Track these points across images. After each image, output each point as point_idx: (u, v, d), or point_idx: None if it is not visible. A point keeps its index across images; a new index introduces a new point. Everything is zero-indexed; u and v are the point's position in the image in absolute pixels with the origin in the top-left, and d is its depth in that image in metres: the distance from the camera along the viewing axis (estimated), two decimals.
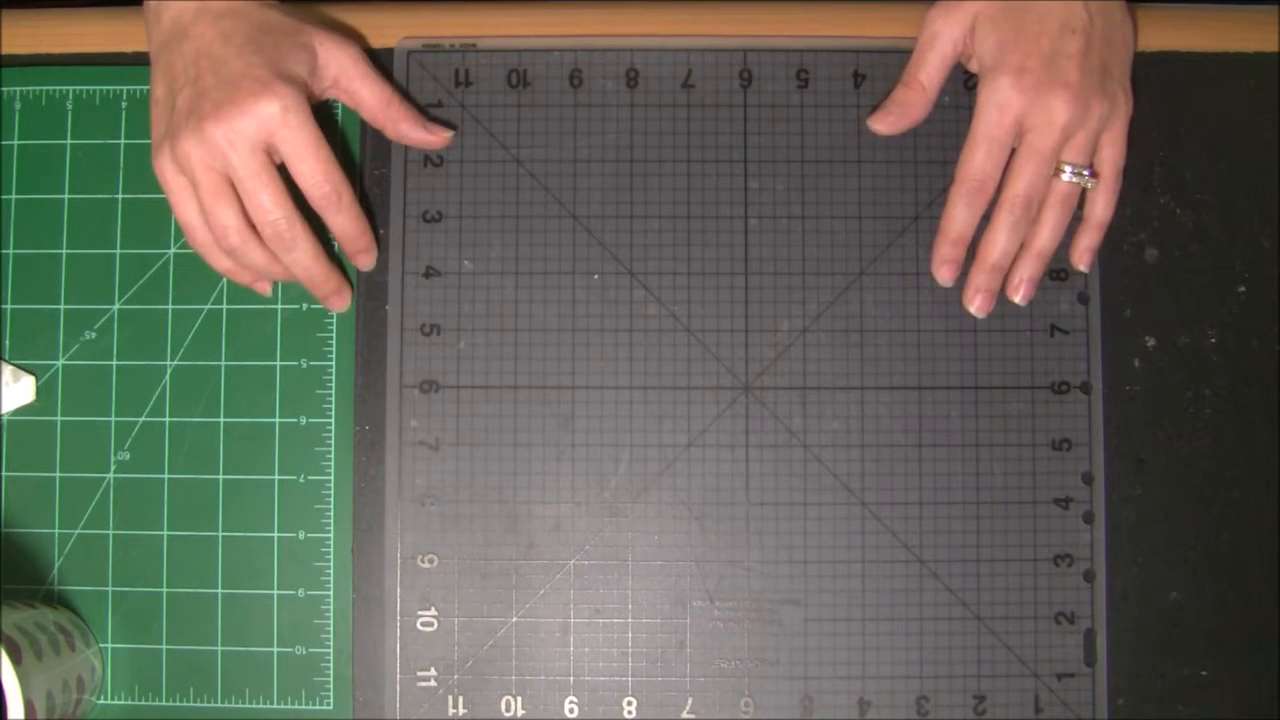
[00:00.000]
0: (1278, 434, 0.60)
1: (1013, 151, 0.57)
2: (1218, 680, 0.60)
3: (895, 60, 0.61)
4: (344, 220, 0.57)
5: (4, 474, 0.60)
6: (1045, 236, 0.58)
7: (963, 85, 0.61)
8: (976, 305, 0.60)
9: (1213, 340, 0.61)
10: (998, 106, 0.56)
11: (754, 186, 0.61)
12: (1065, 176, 0.57)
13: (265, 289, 0.59)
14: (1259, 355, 0.61)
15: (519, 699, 0.59)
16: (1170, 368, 0.61)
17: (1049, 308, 0.60)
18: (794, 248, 0.61)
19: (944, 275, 0.60)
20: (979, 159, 0.57)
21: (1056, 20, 0.56)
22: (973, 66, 0.59)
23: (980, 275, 0.59)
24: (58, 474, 0.60)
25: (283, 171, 0.55)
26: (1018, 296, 0.59)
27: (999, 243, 0.58)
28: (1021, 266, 0.59)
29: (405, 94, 0.61)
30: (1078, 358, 0.60)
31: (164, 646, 0.59)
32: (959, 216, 0.58)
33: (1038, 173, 0.57)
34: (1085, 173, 0.57)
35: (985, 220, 0.59)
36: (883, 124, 0.60)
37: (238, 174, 0.53)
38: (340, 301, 0.59)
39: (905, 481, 0.60)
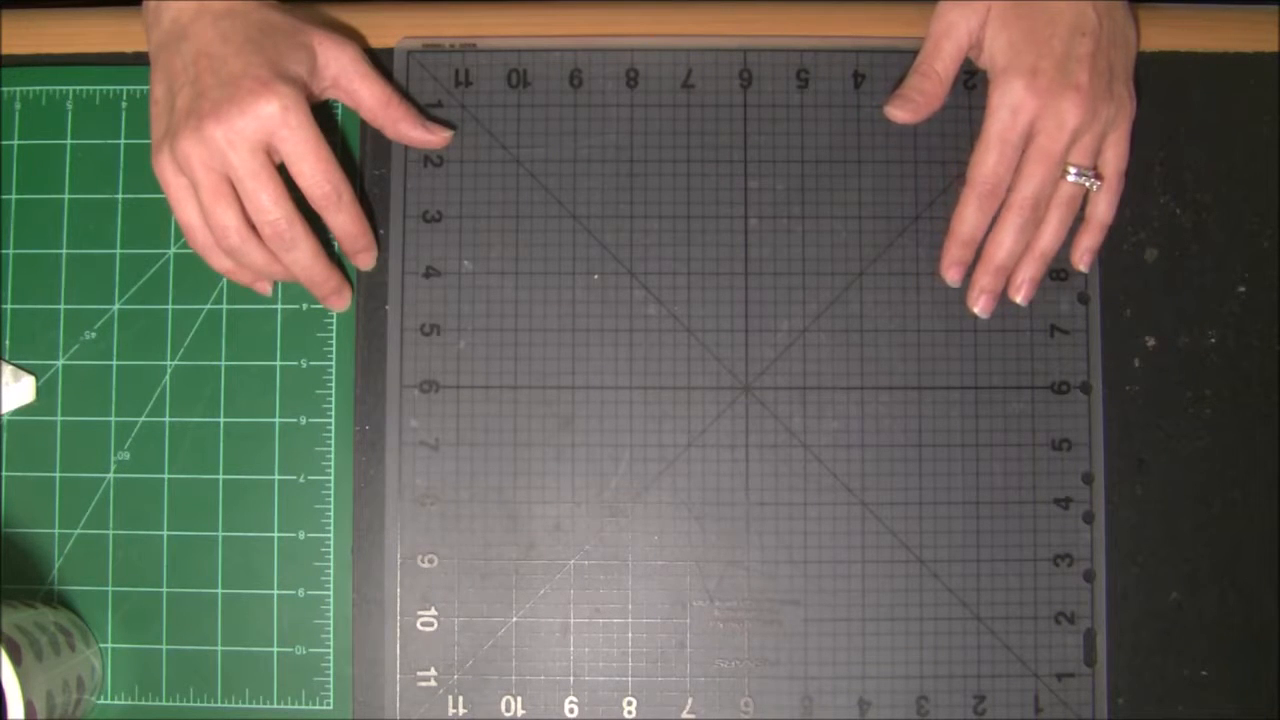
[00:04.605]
0: (1278, 434, 0.60)
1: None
2: (1218, 680, 0.60)
3: (895, 60, 0.61)
4: (344, 220, 0.57)
5: (4, 474, 0.60)
6: (1049, 238, 0.58)
7: (963, 85, 0.61)
8: (980, 306, 0.59)
9: (1213, 340, 0.61)
10: (1011, 108, 0.56)
11: (754, 186, 0.61)
12: (1070, 178, 0.57)
13: (265, 289, 0.59)
14: (1259, 355, 0.61)
15: (519, 699, 0.59)
16: (1170, 368, 0.61)
17: (1049, 308, 0.60)
18: (794, 248, 0.60)
19: (952, 276, 0.60)
20: (992, 161, 0.57)
21: (1067, 22, 0.56)
22: (982, 62, 0.59)
23: (985, 276, 0.59)
24: (58, 474, 0.60)
25: (282, 171, 0.55)
26: (1019, 297, 0.59)
27: (1006, 244, 0.58)
28: (1024, 267, 0.59)
29: (405, 94, 0.61)
30: (1078, 358, 0.60)
31: (164, 646, 0.59)
32: (970, 218, 0.58)
33: (1047, 175, 0.57)
34: (1090, 174, 0.57)
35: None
36: (904, 112, 0.59)
37: (237, 174, 0.53)
38: (340, 301, 0.59)
39: (905, 481, 0.60)
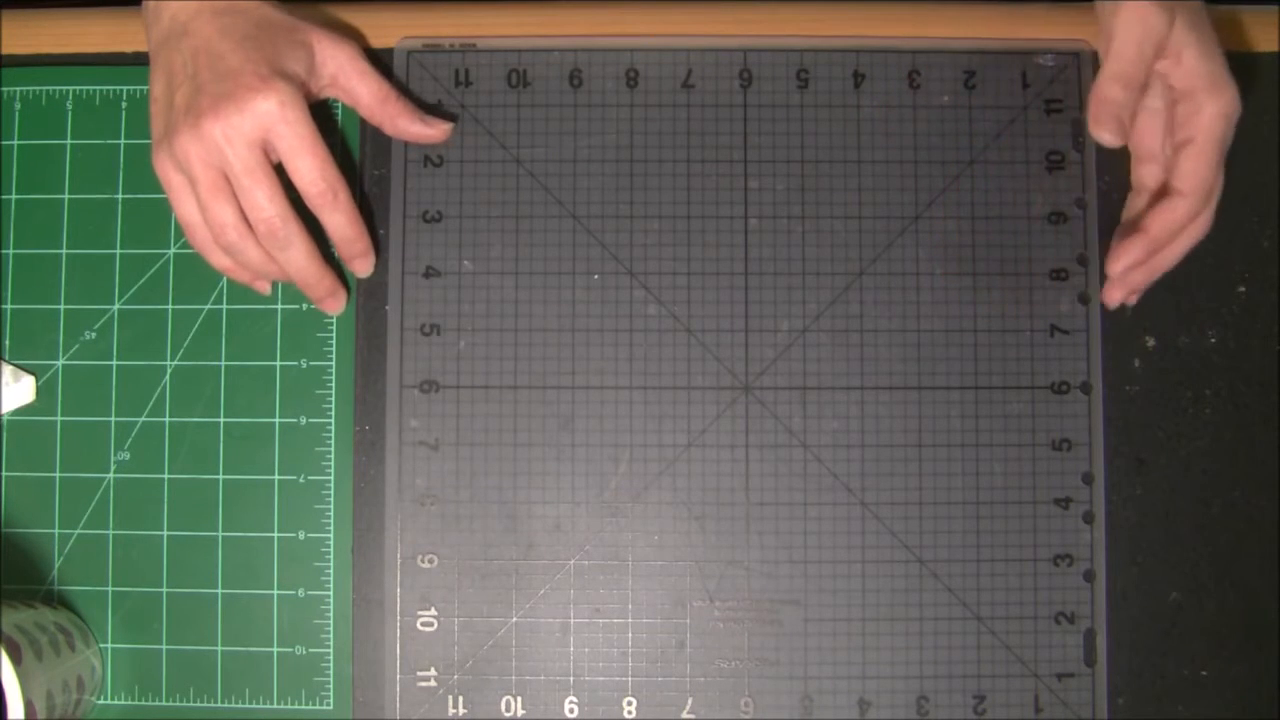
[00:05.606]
0: (1278, 434, 0.60)
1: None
2: (1218, 680, 0.60)
3: (895, 60, 0.61)
4: (340, 220, 0.56)
5: (4, 474, 0.60)
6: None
7: (964, 85, 0.61)
8: (1119, 300, 0.60)
9: (1213, 340, 0.61)
10: (1229, 117, 0.55)
11: (754, 186, 0.61)
12: None
13: (264, 288, 0.59)
14: (1259, 355, 0.61)
15: (519, 699, 0.59)
16: (1170, 368, 0.61)
17: (1049, 308, 0.60)
18: (794, 248, 0.60)
19: (1124, 272, 0.58)
20: (1218, 172, 0.56)
21: (1211, 27, 0.56)
22: (1164, 66, 0.56)
23: (1144, 274, 0.58)
24: (58, 474, 0.60)
25: (281, 174, 0.55)
26: (1135, 299, 0.60)
27: (1177, 250, 0.58)
28: (1157, 271, 0.59)
29: (405, 93, 0.60)
30: (1078, 358, 0.60)
31: (164, 646, 0.59)
32: (1177, 225, 0.56)
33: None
34: None
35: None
36: (1114, 135, 0.54)
37: (233, 170, 0.53)
38: (335, 304, 0.59)
39: (905, 481, 0.60)
